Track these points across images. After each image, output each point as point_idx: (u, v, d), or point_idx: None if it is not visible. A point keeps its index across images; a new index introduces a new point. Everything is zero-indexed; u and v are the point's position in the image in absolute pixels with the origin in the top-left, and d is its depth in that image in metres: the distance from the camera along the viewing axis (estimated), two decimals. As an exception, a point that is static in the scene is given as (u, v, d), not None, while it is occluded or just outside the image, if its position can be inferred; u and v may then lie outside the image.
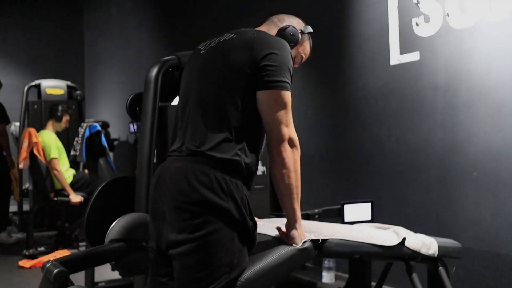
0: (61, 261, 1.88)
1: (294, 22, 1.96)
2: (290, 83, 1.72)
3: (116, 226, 2.13)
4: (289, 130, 1.70)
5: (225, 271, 1.63)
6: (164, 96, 2.45)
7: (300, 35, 1.94)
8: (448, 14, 3.18)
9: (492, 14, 2.95)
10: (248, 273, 1.72)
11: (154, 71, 2.36)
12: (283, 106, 1.69)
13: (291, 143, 1.70)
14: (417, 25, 3.37)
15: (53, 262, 1.84)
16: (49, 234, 5.56)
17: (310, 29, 2.01)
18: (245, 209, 1.67)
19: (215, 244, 1.62)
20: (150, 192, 1.80)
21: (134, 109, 2.45)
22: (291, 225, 1.80)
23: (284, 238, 1.83)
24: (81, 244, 5.18)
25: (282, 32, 1.89)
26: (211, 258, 1.62)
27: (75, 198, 4.89)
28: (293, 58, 1.84)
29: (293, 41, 1.90)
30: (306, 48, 2.01)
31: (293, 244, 1.81)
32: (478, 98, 3.05)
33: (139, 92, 2.46)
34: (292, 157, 1.70)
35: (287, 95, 1.70)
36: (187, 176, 1.64)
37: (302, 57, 2.02)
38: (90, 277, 3.20)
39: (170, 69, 2.44)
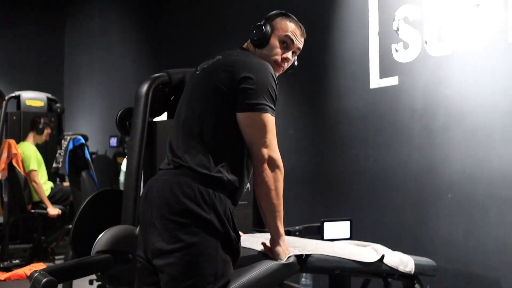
0: (49, 271, 1.91)
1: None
2: (269, 104, 1.76)
3: (102, 238, 2.17)
4: (269, 151, 1.75)
5: (210, 280, 1.68)
6: (154, 112, 2.51)
7: (264, 26, 1.90)
8: (426, 42, 3.32)
9: (468, 44, 3.10)
10: (234, 285, 1.77)
11: (145, 87, 2.42)
12: (262, 127, 1.74)
13: (272, 163, 1.75)
14: (397, 51, 3.50)
15: (41, 272, 1.87)
16: (24, 247, 5.50)
17: (273, 12, 1.96)
18: (227, 221, 1.72)
19: (199, 254, 1.67)
20: (140, 203, 1.86)
21: (123, 123, 2.50)
22: (275, 241, 1.86)
23: (269, 253, 1.89)
24: (57, 257, 5.14)
25: (251, 40, 1.91)
26: (195, 268, 1.67)
27: (53, 210, 4.87)
28: (280, 44, 1.88)
29: (259, 37, 1.88)
30: (284, 27, 1.92)
31: (278, 259, 1.88)
32: (454, 122, 3.18)
33: (129, 107, 2.51)
34: (272, 177, 1.75)
35: (266, 117, 1.75)
36: (172, 188, 1.70)
37: (288, 36, 1.92)
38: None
39: (160, 86, 2.51)
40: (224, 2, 5.37)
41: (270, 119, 1.76)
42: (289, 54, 1.94)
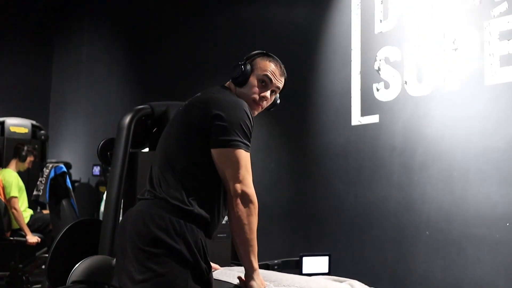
0: None
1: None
2: (242, 140, 1.79)
3: (79, 268, 2.16)
4: (242, 186, 1.77)
5: None
6: (136, 143, 2.53)
7: (244, 66, 1.96)
8: (406, 82, 3.41)
9: (446, 84, 3.19)
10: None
11: (127, 119, 2.46)
12: (234, 163, 1.77)
13: (245, 198, 1.77)
14: (378, 90, 3.59)
15: None
16: (1, 275, 5.40)
17: (254, 52, 2.03)
18: (198, 252, 1.74)
19: (169, 285, 1.69)
20: (117, 234, 1.88)
21: (105, 153, 2.52)
22: (249, 276, 1.86)
23: (244, 287, 1.90)
24: (34, 286, 5.05)
25: (232, 79, 1.96)
26: None
27: (32, 238, 4.81)
28: (258, 83, 1.94)
29: (238, 75, 1.94)
30: (263, 67, 1.98)
31: None
32: (432, 161, 3.24)
33: (111, 138, 2.53)
34: (245, 212, 1.77)
35: (239, 153, 1.77)
36: (144, 219, 1.74)
37: (266, 75, 1.97)
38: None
39: (143, 117, 2.54)
40: (210, 37, 5.46)
41: (243, 155, 1.79)
42: (267, 93, 1.98)
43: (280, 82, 2.03)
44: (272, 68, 2.00)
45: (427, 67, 3.30)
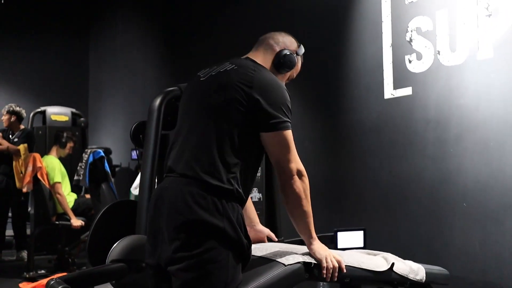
0: (65, 279, 1.98)
1: (288, 43, 2.05)
2: (288, 120, 1.84)
3: (117, 248, 2.23)
4: (296, 164, 1.85)
5: (219, 287, 1.73)
6: (167, 125, 2.58)
7: (295, 61, 2.05)
8: (439, 52, 3.33)
9: (479, 53, 3.11)
10: (242, 293, 1.82)
11: (157, 101, 2.50)
12: (287, 145, 1.83)
13: (299, 175, 1.85)
14: (410, 61, 3.52)
15: (57, 280, 1.94)
16: (49, 258, 5.64)
17: (303, 50, 2.11)
18: (240, 228, 1.78)
19: (211, 262, 1.72)
20: (149, 212, 1.90)
21: (137, 136, 2.58)
22: (311, 244, 1.96)
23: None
24: (80, 268, 5.25)
25: (280, 60, 2.00)
26: (207, 275, 1.72)
27: (76, 222, 4.98)
28: (287, 78, 2.06)
29: (291, 67, 2.03)
30: (298, 67, 2.12)
31: (320, 258, 1.94)
32: (467, 132, 3.18)
33: (143, 121, 2.59)
34: (303, 187, 1.86)
35: (289, 134, 1.83)
36: (185, 198, 1.74)
37: (290, 78, 2.13)
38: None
39: (173, 99, 2.58)
40: (240, 21, 5.46)
41: (291, 135, 1.84)
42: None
43: None
44: (299, 69, 2.15)
45: (460, 35, 3.21)
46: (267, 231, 2.36)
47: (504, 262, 2.96)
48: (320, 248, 1.96)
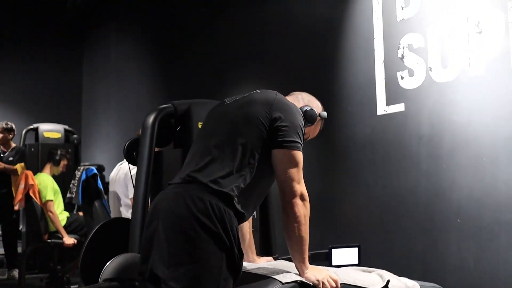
0: None
1: (314, 104, 2.21)
2: (301, 142, 1.90)
3: (110, 266, 2.21)
4: (301, 187, 1.89)
5: None
6: (160, 142, 2.58)
7: (314, 122, 2.17)
8: (430, 69, 3.36)
9: (471, 69, 3.14)
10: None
11: (151, 118, 2.50)
12: (296, 164, 1.87)
13: (302, 198, 1.89)
14: (402, 78, 3.55)
15: None
16: (41, 277, 5.57)
17: (325, 115, 2.24)
18: (233, 237, 1.78)
19: (203, 270, 1.72)
20: (147, 216, 1.90)
21: (131, 153, 2.57)
22: (303, 272, 1.95)
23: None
24: (72, 286, 5.19)
25: (303, 111, 2.11)
26: (198, 283, 1.71)
27: (69, 240, 4.94)
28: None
29: (310, 122, 2.13)
30: (316, 130, 2.25)
31: (315, 281, 1.93)
32: (460, 148, 3.19)
33: (136, 138, 2.59)
34: (303, 212, 1.88)
35: (299, 155, 1.88)
36: (185, 201, 1.75)
37: (306, 136, 2.17)
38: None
39: (166, 117, 2.58)
40: (234, 35, 5.50)
41: (301, 157, 1.90)
42: None
43: None
44: (317, 133, 2.30)
45: (451, 52, 3.25)
46: (264, 259, 2.38)
47: (498, 278, 2.96)
48: (314, 273, 1.95)
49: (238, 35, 5.45)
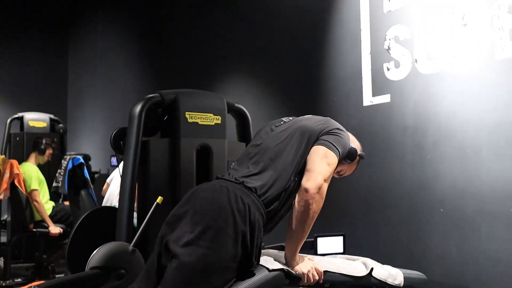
0: (44, 286, 1.97)
1: (355, 144, 2.30)
2: (340, 155, 2.03)
3: (96, 254, 2.22)
4: (325, 184, 1.95)
5: (214, 283, 1.79)
6: (147, 132, 2.58)
7: (354, 159, 2.26)
8: (416, 60, 3.39)
9: (456, 60, 3.17)
10: (223, 300, 1.83)
11: (138, 107, 2.50)
12: (329, 162, 1.97)
13: (322, 194, 1.95)
14: (388, 69, 3.58)
15: (39, 284, 1.93)
16: (26, 266, 5.55)
17: (363, 156, 2.34)
18: (256, 245, 1.87)
19: (215, 261, 1.78)
20: (183, 198, 1.97)
21: (118, 142, 2.57)
22: (291, 264, 2.02)
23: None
24: (57, 275, 5.18)
25: (342, 154, 2.17)
26: (204, 271, 1.77)
27: (54, 229, 4.93)
28: (340, 170, 2.26)
29: (350, 159, 2.21)
30: (352, 168, 2.33)
31: (300, 274, 2.00)
32: (444, 139, 3.23)
33: (123, 127, 2.58)
34: (317, 208, 1.95)
35: (335, 158, 1.98)
36: (228, 195, 1.86)
37: (342, 172, 2.31)
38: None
39: (153, 106, 2.58)
40: (221, 26, 5.48)
41: (335, 160, 1.99)
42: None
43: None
44: (352, 172, 2.39)
45: (436, 44, 3.28)
46: None
47: (480, 266, 3.01)
48: (300, 265, 2.01)
49: (225, 26, 5.44)
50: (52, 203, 5.22)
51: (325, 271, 2.15)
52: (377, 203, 3.64)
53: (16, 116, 6.17)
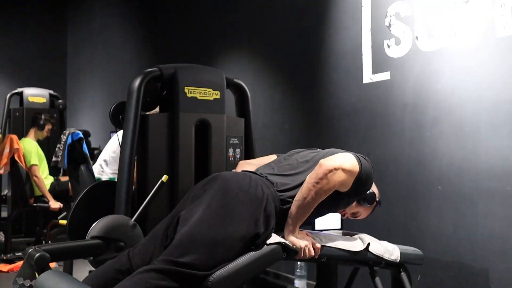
0: (44, 249, 1.99)
1: (376, 190, 2.46)
2: (362, 171, 2.14)
3: (98, 225, 2.25)
4: (338, 173, 2.03)
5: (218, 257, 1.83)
6: (146, 106, 2.58)
7: (373, 203, 2.43)
8: (417, 37, 3.38)
9: (457, 39, 3.16)
10: (221, 271, 1.86)
11: (137, 82, 2.50)
12: (352, 164, 2.09)
13: (330, 179, 2.00)
14: (389, 46, 3.56)
15: (36, 248, 1.96)
16: (27, 240, 5.60)
17: (380, 203, 2.49)
18: (268, 227, 1.95)
19: (222, 237, 1.83)
20: (200, 182, 2.05)
21: (117, 117, 2.57)
22: (289, 235, 2.07)
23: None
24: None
25: (361, 197, 2.36)
26: (212, 244, 1.81)
27: (54, 204, 4.96)
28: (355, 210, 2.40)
29: (369, 203, 2.39)
30: (368, 212, 2.48)
31: (297, 247, 2.05)
32: (443, 116, 3.24)
33: (122, 101, 2.58)
34: (330, 185, 2.00)
35: (356, 167, 2.10)
36: (250, 180, 1.95)
37: (358, 214, 2.45)
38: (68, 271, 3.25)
39: (152, 81, 2.58)
40: (222, 3, 5.44)
41: (356, 169, 2.10)
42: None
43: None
44: (366, 216, 2.54)
45: (437, 21, 3.26)
46: None
47: (476, 243, 3.04)
48: (298, 239, 2.05)
49: (224, 1, 5.39)
50: (51, 179, 5.25)
51: (322, 246, 2.17)
52: (376, 180, 3.65)
53: (16, 91, 6.16)
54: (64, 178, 5.27)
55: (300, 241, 2.05)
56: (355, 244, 2.34)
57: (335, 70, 4.03)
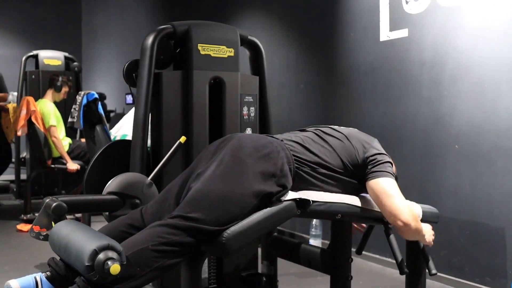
0: (61, 199, 2.02)
1: (394, 166, 2.37)
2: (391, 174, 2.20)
3: (114, 181, 2.26)
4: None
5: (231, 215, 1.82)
6: (160, 64, 2.56)
7: None
8: (436, -8, 3.28)
9: (478, -7, 3.06)
10: (235, 227, 1.86)
11: (150, 39, 2.47)
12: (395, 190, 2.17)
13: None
14: (407, 2, 3.47)
15: (53, 198, 1.99)
16: (46, 201, 5.68)
17: (397, 179, 2.35)
18: (281, 187, 1.91)
19: (235, 194, 1.81)
20: (216, 141, 2.02)
21: (130, 75, 2.56)
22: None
23: None
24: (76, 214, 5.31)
25: None
26: (222, 200, 1.80)
27: (72, 165, 5.00)
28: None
29: None
30: None
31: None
32: (462, 74, 3.17)
33: (136, 59, 2.56)
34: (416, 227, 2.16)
35: (390, 181, 2.21)
36: (267, 139, 1.95)
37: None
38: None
39: (165, 38, 2.55)
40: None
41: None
42: None
43: None
44: None
45: (458, -25, 3.15)
46: None
47: (494, 202, 3.02)
48: (429, 235, 2.24)
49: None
50: (69, 140, 5.28)
51: (336, 202, 2.16)
52: (392, 139, 3.62)
53: (31, 54, 6.15)
54: (83, 140, 5.31)
55: (431, 236, 2.23)
56: (371, 202, 2.33)
57: (351, 28, 3.95)
